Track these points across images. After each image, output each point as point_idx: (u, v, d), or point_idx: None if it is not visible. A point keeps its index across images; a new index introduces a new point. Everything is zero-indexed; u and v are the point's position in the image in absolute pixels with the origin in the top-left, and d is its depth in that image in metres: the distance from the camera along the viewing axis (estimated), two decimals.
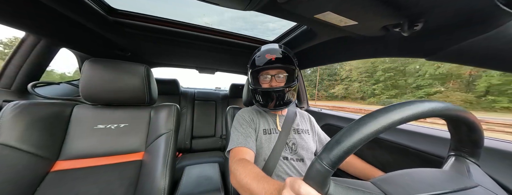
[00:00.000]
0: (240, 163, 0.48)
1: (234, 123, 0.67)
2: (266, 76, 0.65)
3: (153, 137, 0.69)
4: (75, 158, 0.59)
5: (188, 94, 1.61)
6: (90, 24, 0.68)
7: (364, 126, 0.21)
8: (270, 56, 0.62)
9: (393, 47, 0.60)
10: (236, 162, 0.50)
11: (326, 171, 0.21)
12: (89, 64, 0.60)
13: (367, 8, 0.41)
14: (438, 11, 0.38)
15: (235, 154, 0.56)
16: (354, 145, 0.20)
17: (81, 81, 0.60)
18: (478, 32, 0.37)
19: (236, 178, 0.43)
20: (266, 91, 0.62)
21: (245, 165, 0.46)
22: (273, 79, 0.64)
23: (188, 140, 1.46)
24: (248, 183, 0.38)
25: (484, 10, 0.33)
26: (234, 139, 0.61)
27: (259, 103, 0.65)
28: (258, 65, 0.62)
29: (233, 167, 0.48)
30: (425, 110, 0.21)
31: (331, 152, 0.21)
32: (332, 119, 1.08)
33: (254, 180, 0.38)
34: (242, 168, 0.45)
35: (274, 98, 0.62)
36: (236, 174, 0.44)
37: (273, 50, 0.63)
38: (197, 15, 17.03)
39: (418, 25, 0.42)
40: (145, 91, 0.68)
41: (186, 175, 0.79)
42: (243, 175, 0.41)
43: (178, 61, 1.34)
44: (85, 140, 0.62)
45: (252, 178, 0.39)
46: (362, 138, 0.20)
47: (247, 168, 0.44)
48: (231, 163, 0.52)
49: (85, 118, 0.65)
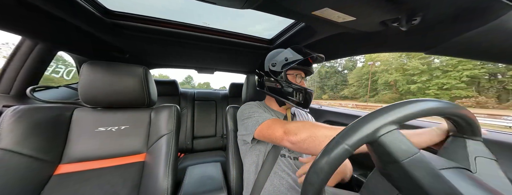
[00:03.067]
0: (295, 121, 0.51)
1: (247, 110, 0.66)
2: (298, 76, 0.67)
3: (154, 138, 0.69)
4: (78, 161, 0.59)
5: (188, 95, 1.61)
6: (86, 27, 0.68)
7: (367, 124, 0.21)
8: (310, 59, 0.67)
9: (392, 42, 0.60)
10: (289, 122, 0.51)
11: None
12: (87, 67, 0.60)
13: (365, 3, 0.41)
14: (436, 4, 0.38)
15: (268, 126, 0.54)
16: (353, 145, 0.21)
17: (80, 85, 0.60)
18: (477, 24, 0.36)
19: (310, 131, 0.44)
20: (306, 91, 0.64)
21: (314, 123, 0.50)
22: (302, 81, 0.69)
23: (190, 140, 1.47)
24: None
25: (482, 2, 0.33)
26: (258, 118, 0.60)
27: (293, 99, 0.65)
28: (298, 64, 0.62)
29: (295, 125, 0.49)
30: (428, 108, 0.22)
31: None
32: (332, 115, 1.09)
33: None
34: (309, 123, 0.49)
35: (309, 98, 0.65)
36: (310, 128, 0.45)
37: (314, 57, 0.65)
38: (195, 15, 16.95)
39: (416, 19, 0.42)
40: (145, 93, 0.68)
41: (189, 175, 0.79)
42: None
43: (176, 62, 1.34)
44: (87, 143, 0.62)
45: None
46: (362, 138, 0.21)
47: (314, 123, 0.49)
48: (286, 126, 0.50)
49: (85, 121, 0.65)
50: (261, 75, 0.72)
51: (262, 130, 0.56)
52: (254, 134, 0.59)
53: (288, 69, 0.65)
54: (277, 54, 0.67)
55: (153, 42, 0.89)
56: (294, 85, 0.64)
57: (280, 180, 0.62)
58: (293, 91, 0.64)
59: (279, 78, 0.65)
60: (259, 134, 0.57)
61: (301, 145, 0.44)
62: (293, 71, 0.67)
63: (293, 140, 0.45)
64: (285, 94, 0.65)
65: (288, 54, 0.64)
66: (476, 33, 0.38)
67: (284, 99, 0.65)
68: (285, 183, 0.62)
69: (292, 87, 0.64)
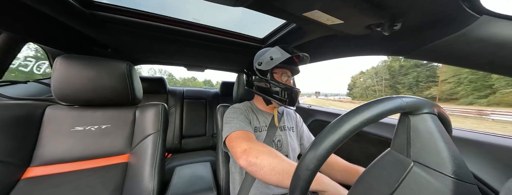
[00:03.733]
0: (266, 146, 0.50)
1: (229, 114, 0.66)
2: (284, 75, 0.68)
3: (139, 138, 0.65)
4: (50, 164, 0.54)
5: (177, 93, 1.55)
6: (61, 17, 0.62)
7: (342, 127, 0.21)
8: (296, 59, 0.68)
9: (376, 45, 0.64)
10: (253, 143, 0.50)
11: None
12: (62, 61, 0.55)
13: (352, 7, 0.43)
14: (414, 12, 0.41)
15: (237, 138, 0.54)
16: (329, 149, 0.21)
17: (53, 80, 0.55)
18: (449, 32, 0.40)
19: (263, 162, 0.44)
20: (291, 89, 0.65)
21: (272, 150, 0.48)
22: (289, 79, 0.69)
23: (178, 140, 1.42)
24: None
25: (453, 12, 0.36)
26: (232, 125, 0.59)
27: (278, 98, 0.65)
28: (283, 63, 0.63)
29: (256, 149, 0.47)
30: (396, 106, 0.22)
31: None
32: (321, 114, 1.13)
33: None
34: (268, 150, 0.47)
35: (294, 96, 0.66)
36: (265, 157, 0.45)
37: (299, 56, 0.67)
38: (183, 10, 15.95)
39: (397, 25, 0.45)
40: (128, 90, 0.64)
41: (177, 176, 0.77)
42: None
43: (164, 58, 1.28)
44: (61, 143, 0.57)
45: None
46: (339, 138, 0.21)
47: (274, 151, 0.48)
48: (244, 145, 0.49)
49: (60, 120, 0.59)
50: (249, 75, 0.72)
51: (229, 139, 0.56)
52: (225, 141, 0.59)
53: (274, 68, 0.66)
54: (263, 53, 0.67)
55: (138, 37, 0.84)
56: (280, 84, 0.65)
57: None
58: (278, 90, 0.65)
59: (265, 77, 0.66)
60: (227, 143, 0.57)
61: (257, 170, 0.43)
62: (278, 70, 0.68)
63: (252, 162, 0.44)
64: (271, 93, 0.66)
65: (273, 53, 0.64)
66: (448, 40, 0.42)
67: (270, 97, 0.66)
68: None
69: (277, 86, 0.65)
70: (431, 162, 0.21)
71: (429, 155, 0.21)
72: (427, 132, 0.22)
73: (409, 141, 0.23)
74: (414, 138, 0.23)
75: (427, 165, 0.21)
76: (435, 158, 0.21)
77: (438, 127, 0.23)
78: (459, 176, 0.20)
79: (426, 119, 0.23)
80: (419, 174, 0.21)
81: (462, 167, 0.20)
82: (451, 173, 0.20)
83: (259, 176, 0.44)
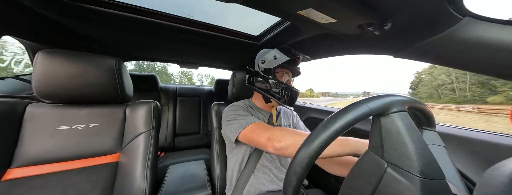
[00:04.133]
0: (288, 129, 0.53)
1: (232, 112, 0.66)
2: (286, 75, 0.70)
3: (130, 136, 0.63)
4: (33, 164, 0.51)
5: (170, 91, 1.52)
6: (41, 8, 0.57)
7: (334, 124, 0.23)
8: (297, 60, 0.69)
9: (367, 45, 0.65)
10: (273, 128, 0.53)
11: None
12: (43, 56, 0.51)
13: (345, 7, 0.44)
14: (402, 13, 0.43)
15: (254, 130, 0.56)
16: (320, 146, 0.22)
17: (35, 76, 0.51)
18: (434, 32, 0.42)
19: (292, 138, 0.47)
20: (292, 90, 0.67)
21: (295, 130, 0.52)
22: (289, 80, 0.71)
23: (171, 138, 1.40)
24: None
25: (438, 13, 0.38)
26: (243, 121, 0.60)
27: (279, 97, 0.66)
28: (286, 63, 0.65)
29: (281, 132, 0.50)
30: (361, 113, 0.23)
31: None
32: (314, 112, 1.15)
33: None
34: (289, 130, 0.51)
35: (294, 96, 0.67)
36: (291, 136, 0.48)
37: (300, 57, 0.68)
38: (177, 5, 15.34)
39: (387, 25, 0.47)
40: (118, 87, 0.61)
41: (170, 174, 0.76)
42: None
43: (156, 55, 1.24)
44: (45, 143, 0.54)
45: None
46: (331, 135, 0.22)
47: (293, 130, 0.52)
48: (270, 132, 0.52)
49: (43, 118, 0.56)
50: (251, 73, 0.72)
51: (246, 133, 0.57)
52: (238, 136, 0.59)
53: (276, 68, 0.67)
54: (267, 52, 0.68)
55: (127, 31, 0.80)
56: (282, 84, 0.66)
57: (263, 174, 0.64)
58: (280, 89, 0.66)
59: (267, 76, 0.67)
60: (243, 137, 0.58)
61: (285, 151, 0.47)
62: (280, 70, 0.69)
63: (277, 147, 0.48)
64: (272, 92, 0.66)
65: (277, 53, 0.65)
66: (434, 40, 0.44)
67: (271, 96, 0.67)
68: (267, 176, 0.64)
69: (279, 86, 0.66)
70: (401, 162, 0.22)
71: (399, 156, 0.22)
72: (396, 132, 0.23)
73: (382, 142, 0.24)
74: (386, 139, 0.24)
75: (398, 165, 0.22)
76: (404, 158, 0.22)
77: (407, 125, 0.23)
78: (426, 175, 0.20)
79: (394, 119, 0.23)
80: (392, 175, 0.22)
81: (428, 165, 0.21)
82: (418, 173, 0.20)
83: (288, 155, 0.48)
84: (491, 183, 0.17)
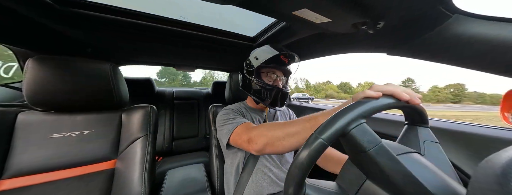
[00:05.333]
0: (263, 125, 0.51)
1: (222, 116, 0.64)
2: (272, 75, 0.67)
3: (126, 142, 0.62)
4: (25, 174, 0.50)
5: (166, 94, 1.51)
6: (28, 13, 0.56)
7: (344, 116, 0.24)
8: (284, 58, 0.67)
9: (361, 43, 0.66)
10: (254, 128, 0.51)
11: None
12: (34, 63, 0.50)
13: (339, 6, 0.44)
14: (394, 11, 0.44)
15: (238, 134, 0.54)
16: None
17: (25, 84, 0.50)
18: (426, 30, 0.43)
19: (268, 135, 0.45)
20: (278, 90, 0.64)
21: (269, 123, 0.49)
22: (278, 79, 0.68)
23: (169, 142, 1.38)
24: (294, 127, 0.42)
25: (428, 11, 0.39)
26: (231, 125, 0.58)
27: (264, 99, 0.65)
28: (270, 63, 0.63)
29: (257, 131, 0.48)
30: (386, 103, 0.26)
31: None
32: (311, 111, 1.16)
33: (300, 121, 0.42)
34: (266, 126, 0.48)
35: (281, 98, 0.66)
36: (267, 132, 0.45)
37: (286, 54, 0.66)
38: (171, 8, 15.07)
39: (380, 23, 0.48)
40: (113, 93, 0.60)
41: (169, 179, 0.74)
42: (279, 128, 0.44)
43: (151, 58, 1.22)
44: (37, 152, 0.52)
45: (294, 123, 0.43)
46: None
47: (273, 123, 0.49)
48: (249, 133, 0.50)
49: (34, 127, 0.54)
50: (242, 74, 0.72)
51: (233, 138, 0.56)
52: (229, 142, 0.58)
53: (261, 68, 0.66)
54: (253, 53, 0.67)
55: (120, 35, 0.79)
56: (263, 83, 0.64)
57: (262, 176, 0.63)
58: (263, 90, 0.64)
59: (249, 76, 0.66)
60: (233, 142, 0.57)
61: (264, 151, 0.46)
62: (265, 69, 0.67)
63: (257, 149, 0.46)
64: (257, 93, 0.66)
65: (260, 52, 0.64)
66: (426, 37, 0.45)
67: (255, 97, 0.66)
68: (267, 178, 0.63)
69: (263, 86, 0.64)
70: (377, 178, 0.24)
71: (374, 173, 0.24)
72: (360, 148, 0.24)
73: (355, 157, 0.27)
74: (355, 156, 0.26)
75: (376, 180, 0.25)
76: (378, 173, 0.24)
77: (367, 138, 0.24)
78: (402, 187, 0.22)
79: (353, 137, 0.24)
80: (372, 186, 0.25)
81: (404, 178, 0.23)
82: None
83: (273, 152, 0.46)
84: (485, 175, 0.17)
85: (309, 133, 0.36)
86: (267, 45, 0.67)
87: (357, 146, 0.24)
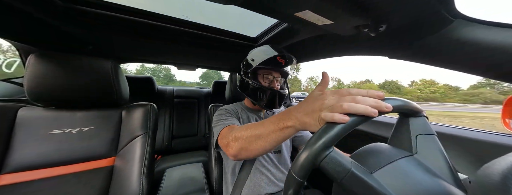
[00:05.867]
0: (237, 128, 0.48)
1: (218, 116, 0.64)
2: (268, 76, 0.67)
3: (126, 140, 0.62)
4: (25, 170, 0.50)
5: (167, 93, 1.51)
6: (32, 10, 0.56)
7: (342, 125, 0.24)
8: (281, 59, 0.66)
9: (363, 46, 0.66)
10: (233, 131, 0.47)
11: None
12: (36, 59, 0.50)
13: (341, 8, 0.44)
14: (396, 15, 0.44)
15: (222, 137, 0.52)
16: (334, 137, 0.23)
17: (27, 79, 0.50)
18: (428, 34, 0.43)
19: (242, 138, 0.42)
20: (274, 92, 0.63)
21: (243, 126, 0.47)
22: (274, 80, 0.67)
23: (168, 141, 1.38)
24: (258, 129, 0.40)
25: (431, 16, 0.39)
26: (219, 127, 0.57)
27: (260, 100, 0.64)
28: (266, 65, 0.63)
29: (234, 135, 0.45)
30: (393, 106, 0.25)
31: None
32: None
33: (264, 123, 0.39)
34: (242, 128, 0.45)
35: (277, 99, 0.65)
36: (241, 134, 0.43)
37: (283, 55, 0.65)
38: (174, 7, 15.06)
39: (382, 26, 0.48)
40: (114, 90, 0.60)
41: (167, 178, 0.74)
42: (249, 129, 0.42)
43: (152, 57, 1.23)
44: (38, 147, 0.53)
45: (259, 124, 0.41)
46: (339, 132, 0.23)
47: (247, 125, 0.45)
48: (228, 137, 0.47)
49: (35, 122, 0.54)
50: (240, 75, 0.72)
51: (220, 141, 0.54)
52: (218, 144, 0.56)
53: (258, 69, 0.66)
54: (250, 53, 0.67)
55: (122, 34, 0.79)
56: (261, 85, 0.64)
57: (260, 176, 0.63)
58: (259, 91, 0.64)
59: (246, 77, 0.66)
60: (220, 145, 0.55)
61: (240, 156, 0.43)
62: (262, 71, 0.67)
63: (232, 154, 0.44)
64: (253, 94, 0.66)
65: (257, 53, 0.64)
66: (427, 41, 0.45)
67: (251, 98, 0.66)
68: (265, 178, 0.63)
69: (258, 88, 0.64)
70: None
71: None
72: (337, 176, 0.23)
73: None
74: None
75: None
76: None
77: (335, 167, 0.23)
78: None
79: (324, 168, 0.23)
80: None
81: None
82: None
83: (248, 157, 0.43)
84: (485, 182, 0.17)
85: (278, 135, 0.35)
86: (266, 45, 0.67)
87: (330, 176, 0.23)
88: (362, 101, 0.25)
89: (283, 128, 0.35)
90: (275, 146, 0.38)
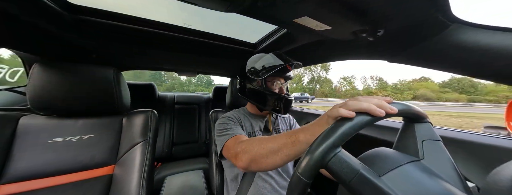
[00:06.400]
0: (249, 140, 0.47)
1: (221, 124, 0.63)
2: (277, 82, 0.68)
3: (126, 147, 0.62)
4: (25, 180, 0.49)
5: (167, 99, 1.52)
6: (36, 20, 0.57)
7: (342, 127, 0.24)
8: (289, 67, 0.67)
9: (362, 50, 0.67)
10: (242, 143, 0.47)
11: None
12: (39, 68, 0.51)
13: (339, 14, 0.45)
14: (394, 19, 0.44)
15: (229, 148, 0.52)
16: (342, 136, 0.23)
17: (29, 88, 0.51)
18: (425, 38, 0.44)
19: (252, 150, 0.42)
20: (285, 98, 0.64)
21: (255, 139, 0.46)
22: (282, 87, 0.69)
23: (168, 148, 1.36)
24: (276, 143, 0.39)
25: (428, 20, 0.40)
26: (224, 137, 0.57)
27: (270, 106, 0.65)
28: (276, 72, 0.62)
29: (243, 147, 0.45)
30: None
31: None
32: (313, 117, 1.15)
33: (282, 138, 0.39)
34: (254, 140, 0.45)
35: (287, 105, 0.66)
36: (252, 146, 0.43)
37: (291, 63, 0.66)
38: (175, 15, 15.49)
39: (380, 31, 0.48)
40: (115, 98, 0.61)
41: (167, 186, 0.73)
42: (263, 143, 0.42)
43: (154, 64, 1.25)
44: (37, 156, 0.52)
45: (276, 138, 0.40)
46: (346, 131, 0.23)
47: (259, 138, 0.45)
48: (236, 148, 0.47)
49: (36, 131, 0.54)
50: (242, 81, 0.72)
51: (225, 152, 0.54)
52: (222, 154, 0.56)
53: (268, 77, 0.65)
54: (257, 60, 0.67)
55: (125, 42, 0.81)
56: (273, 93, 0.64)
57: (263, 184, 0.62)
58: (270, 98, 0.64)
59: (258, 85, 0.66)
60: (225, 155, 0.56)
61: (250, 169, 0.43)
62: (271, 78, 0.67)
63: (242, 166, 0.44)
64: (263, 100, 0.65)
65: (266, 61, 0.64)
66: (425, 45, 0.45)
67: (262, 105, 0.66)
68: (268, 186, 0.62)
69: (270, 94, 0.64)
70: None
71: None
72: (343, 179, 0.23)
73: None
74: None
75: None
76: None
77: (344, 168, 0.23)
78: None
79: (332, 168, 0.23)
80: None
81: None
82: None
83: (258, 170, 0.43)
84: (494, 189, 0.16)
85: (290, 149, 0.36)
86: (271, 53, 0.67)
87: (338, 177, 0.23)
88: (365, 100, 0.27)
89: (295, 140, 0.36)
90: (286, 162, 0.38)
